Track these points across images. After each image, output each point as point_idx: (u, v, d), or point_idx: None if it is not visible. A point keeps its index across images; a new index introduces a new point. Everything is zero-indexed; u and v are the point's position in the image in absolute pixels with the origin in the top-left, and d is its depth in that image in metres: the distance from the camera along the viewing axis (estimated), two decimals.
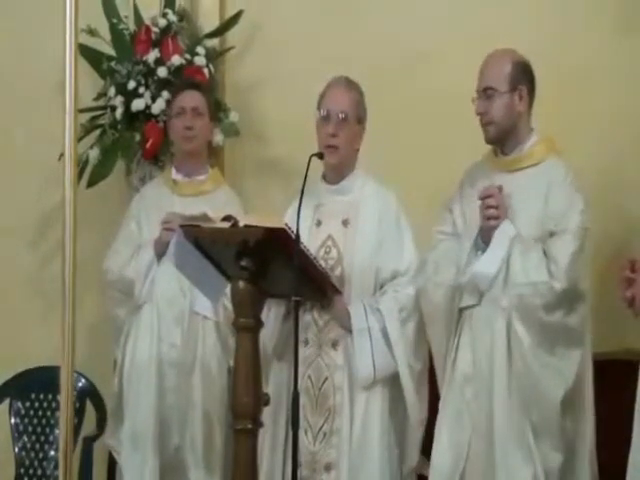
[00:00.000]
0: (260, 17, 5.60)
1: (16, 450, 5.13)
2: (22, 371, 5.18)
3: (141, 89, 5.32)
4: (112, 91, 5.35)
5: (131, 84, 5.31)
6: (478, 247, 3.92)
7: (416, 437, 4.15)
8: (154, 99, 5.30)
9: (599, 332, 4.01)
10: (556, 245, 3.82)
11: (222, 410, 4.54)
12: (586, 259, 3.88)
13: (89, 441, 4.94)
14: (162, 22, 5.41)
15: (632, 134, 5.02)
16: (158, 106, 5.27)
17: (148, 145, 5.28)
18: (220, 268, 4.07)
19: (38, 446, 5.12)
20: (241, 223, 3.91)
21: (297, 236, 3.83)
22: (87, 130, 5.35)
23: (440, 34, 5.32)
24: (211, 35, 5.55)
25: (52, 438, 5.08)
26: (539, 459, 3.78)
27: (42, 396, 5.15)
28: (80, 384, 4.96)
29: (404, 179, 4.76)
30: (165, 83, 5.31)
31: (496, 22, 5.18)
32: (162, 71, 5.31)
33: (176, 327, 4.59)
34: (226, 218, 3.96)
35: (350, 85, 4.25)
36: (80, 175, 5.06)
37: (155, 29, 5.40)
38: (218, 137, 5.34)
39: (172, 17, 5.43)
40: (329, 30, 5.49)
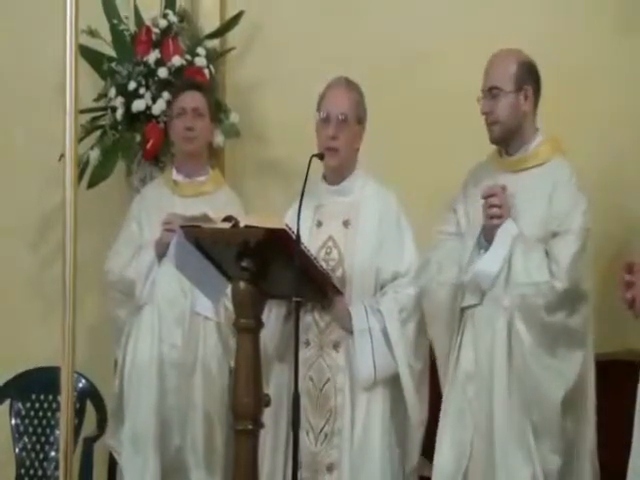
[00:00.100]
0: (260, 18, 5.60)
1: (16, 451, 5.12)
2: (22, 372, 5.18)
3: (142, 90, 5.32)
4: (112, 92, 5.35)
5: (132, 85, 5.31)
6: (481, 246, 3.92)
7: (416, 437, 4.15)
8: (155, 100, 5.30)
9: (600, 332, 4.00)
10: (558, 245, 3.82)
11: (223, 411, 4.54)
12: (588, 260, 3.87)
13: (89, 442, 4.94)
14: (162, 23, 5.41)
15: (632, 134, 5.02)
16: (159, 107, 5.27)
17: (149, 146, 5.28)
18: (221, 269, 4.07)
19: (38, 447, 5.12)
20: (242, 224, 3.91)
21: (298, 237, 3.82)
22: (87, 131, 5.35)
23: (440, 34, 5.31)
24: (212, 36, 5.55)
25: (52, 439, 5.08)
26: (538, 460, 3.78)
27: (42, 397, 5.15)
28: (80, 385, 4.96)
29: (404, 179, 4.76)
30: (166, 84, 5.31)
31: (496, 22, 5.18)
32: (163, 72, 5.31)
33: (177, 328, 4.59)
34: (227, 219, 3.96)
35: (349, 86, 4.24)
36: (80, 176, 5.06)
37: (155, 30, 5.40)
38: (219, 138, 5.34)
39: (172, 18, 5.44)
40: (329, 30, 5.49)
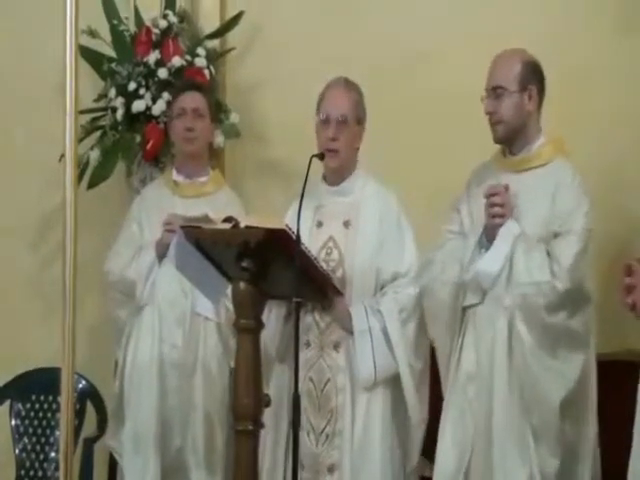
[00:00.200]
0: (260, 18, 5.60)
1: (17, 452, 5.12)
2: (22, 372, 5.17)
3: (142, 90, 5.31)
4: (112, 92, 5.35)
5: (132, 85, 5.31)
6: (482, 245, 3.91)
7: (417, 437, 4.15)
8: (155, 100, 5.30)
9: (601, 333, 3.99)
10: (560, 246, 3.81)
11: (223, 411, 4.54)
12: (589, 260, 3.86)
13: (90, 442, 4.94)
14: (162, 23, 5.41)
15: (632, 134, 5.02)
16: (159, 107, 5.27)
17: (149, 146, 5.27)
18: (221, 269, 4.07)
19: (39, 448, 5.11)
20: (242, 224, 3.91)
21: (298, 237, 3.82)
22: (88, 131, 5.35)
23: (440, 34, 5.31)
24: (212, 36, 5.55)
25: (53, 439, 5.07)
26: (536, 462, 3.77)
27: (42, 397, 5.14)
28: (80, 385, 4.95)
29: (404, 179, 4.75)
30: (166, 84, 5.31)
31: (496, 22, 5.18)
32: (163, 72, 5.31)
33: (177, 328, 4.58)
34: (227, 219, 3.95)
35: (349, 86, 4.23)
36: (81, 176, 5.06)
37: (155, 30, 5.40)
38: (219, 138, 5.34)
39: (172, 18, 5.43)
40: (329, 31, 5.49)
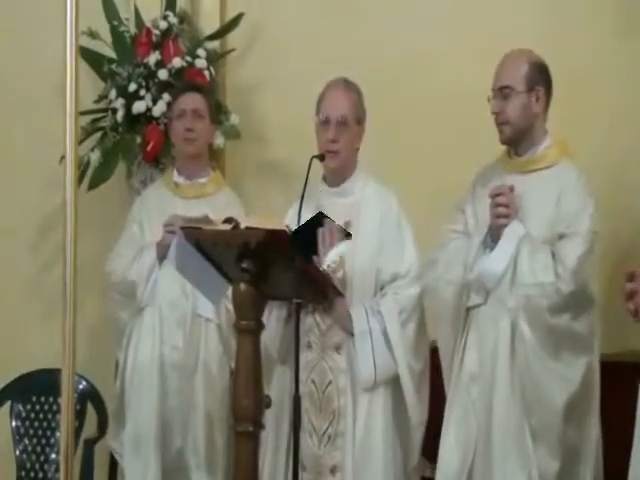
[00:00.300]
0: (260, 19, 5.60)
1: (17, 453, 5.11)
2: (23, 374, 5.16)
3: (142, 91, 5.31)
4: (113, 93, 5.35)
5: (132, 86, 5.31)
6: (487, 245, 3.90)
7: (417, 437, 4.15)
8: (155, 101, 5.30)
9: (603, 334, 3.98)
10: (565, 247, 3.80)
11: (224, 412, 4.53)
12: (595, 262, 3.85)
13: (90, 443, 4.93)
14: (163, 24, 5.41)
15: (635, 135, 5.01)
16: (159, 108, 5.27)
17: (149, 148, 5.27)
18: (221, 270, 4.06)
19: (39, 449, 5.11)
20: (242, 225, 3.90)
21: None
22: (88, 132, 5.35)
23: (440, 34, 5.31)
24: (212, 37, 5.55)
25: (53, 441, 5.07)
26: (536, 463, 3.77)
27: (43, 399, 5.13)
28: (81, 386, 4.94)
29: (404, 179, 4.74)
30: (166, 85, 5.31)
31: (496, 22, 5.18)
32: (163, 73, 5.31)
33: (178, 329, 4.58)
34: (227, 220, 3.95)
35: (348, 87, 4.22)
36: (81, 178, 5.07)
37: (156, 31, 5.40)
38: (219, 139, 5.34)
39: (173, 19, 5.43)
40: (329, 31, 5.49)
